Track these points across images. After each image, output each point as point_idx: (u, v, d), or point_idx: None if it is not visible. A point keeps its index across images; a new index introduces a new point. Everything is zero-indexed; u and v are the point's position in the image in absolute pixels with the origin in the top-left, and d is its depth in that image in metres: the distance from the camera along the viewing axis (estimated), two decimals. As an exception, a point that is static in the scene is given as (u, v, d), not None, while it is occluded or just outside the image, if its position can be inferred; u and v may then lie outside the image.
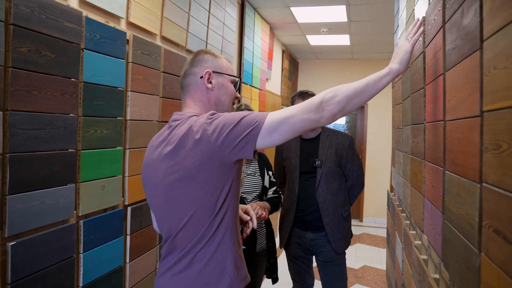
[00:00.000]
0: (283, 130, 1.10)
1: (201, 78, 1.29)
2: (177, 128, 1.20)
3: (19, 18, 1.33)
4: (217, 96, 1.31)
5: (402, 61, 1.23)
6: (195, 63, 1.32)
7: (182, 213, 1.17)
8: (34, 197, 1.42)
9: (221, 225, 1.18)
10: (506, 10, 0.69)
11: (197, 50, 1.37)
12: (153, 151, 1.24)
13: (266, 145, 1.12)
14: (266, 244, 2.26)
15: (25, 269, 1.39)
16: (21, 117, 1.36)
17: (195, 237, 1.16)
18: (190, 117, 1.21)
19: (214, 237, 1.17)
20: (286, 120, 1.10)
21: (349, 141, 2.46)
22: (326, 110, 1.11)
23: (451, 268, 1.09)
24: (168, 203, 1.19)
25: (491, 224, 0.78)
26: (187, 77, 1.32)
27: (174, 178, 1.15)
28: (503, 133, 0.71)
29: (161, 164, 1.18)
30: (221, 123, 1.11)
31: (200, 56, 1.33)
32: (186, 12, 2.69)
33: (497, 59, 0.74)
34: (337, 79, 7.02)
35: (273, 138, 1.11)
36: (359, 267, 4.58)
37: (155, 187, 1.22)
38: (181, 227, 1.17)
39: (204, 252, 1.17)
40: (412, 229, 1.90)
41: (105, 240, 1.84)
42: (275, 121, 1.10)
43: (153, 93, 2.24)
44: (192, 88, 1.31)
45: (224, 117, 1.13)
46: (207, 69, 1.30)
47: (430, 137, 1.41)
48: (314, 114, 1.10)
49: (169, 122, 1.27)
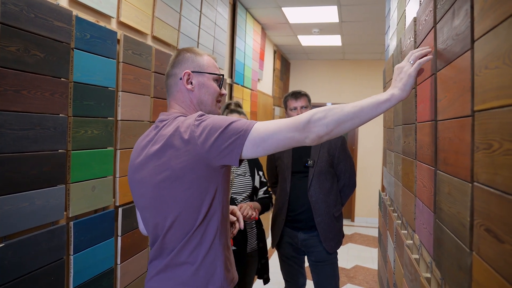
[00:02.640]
0: (268, 145, 1.08)
1: (180, 79, 1.28)
2: (164, 129, 1.19)
3: (7, 17, 1.31)
4: (198, 96, 1.29)
5: (405, 87, 1.11)
6: (176, 63, 1.30)
7: (168, 214, 1.15)
8: (23, 198, 1.40)
9: (210, 228, 1.16)
10: (497, 10, 0.70)
11: (179, 49, 1.35)
12: (140, 151, 1.22)
13: (250, 156, 1.10)
14: (257, 244, 2.25)
15: (14, 271, 1.37)
16: (9, 117, 1.34)
17: (182, 239, 1.15)
18: (177, 118, 1.20)
19: (203, 240, 1.16)
20: (272, 136, 1.07)
21: (341, 141, 2.47)
22: (312, 132, 1.06)
23: (442, 267, 1.10)
24: (154, 203, 1.17)
25: (482, 223, 0.78)
26: (169, 78, 1.31)
27: (160, 178, 1.14)
28: (494, 133, 0.72)
29: (148, 164, 1.17)
30: (208, 126, 1.10)
31: (180, 56, 1.30)
32: (178, 12, 2.67)
33: (488, 59, 0.75)
34: (328, 79, 7.04)
35: (257, 151, 1.09)
36: (351, 267, 4.59)
37: (142, 187, 1.20)
38: (167, 228, 1.16)
39: (194, 256, 1.16)
40: (403, 229, 1.91)
41: (96, 242, 1.82)
42: (261, 135, 1.08)
43: (144, 93, 2.23)
44: (174, 89, 1.30)
45: (212, 120, 1.12)
46: (186, 70, 1.28)
47: (421, 137, 1.42)
48: (299, 133, 1.06)
49: (155, 122, 1.26)
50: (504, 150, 0.67)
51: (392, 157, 2.36)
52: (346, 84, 6.97)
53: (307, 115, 1.07)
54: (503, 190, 0.67)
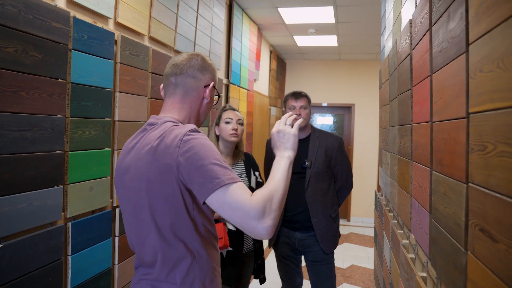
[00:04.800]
0: (223, 215, 1.00)
1: (205, 87, 1.23)
2: (150, 132, 1.14)
3: (5, 18, 1.31)
4: (205, 109, 1.26)
5: (294, 146, 1.19)
6: (203, 69, 1.23)
7: (144, 224, 1.11)
8: (21, 199, 1.40)
9: (193, 244, 1.10)
10: (492, 14, 0.71)
11: (202, 54, 1.28)
12: (127, 154, 1.18)
13: (209, 205, 1.02)
14: (253, 245, 2.26)
15: (12, 272, 1.37)
16: (7, 118, 1.34)
17: (158, 253, 1.10)
18: (165, 123, 1.15)
19: (187, 256, 1.10)
20: (230, 211, 0.99)
21: (338, 142, 2.48)
22: (267, 222, 0.98)
23: (438, 267, 1.11)
24: (135, 210, 1.13)
25: (477, 223, 0.80)
26: (187, 77, 1.21)
27: (139, 186, 1.10)
28: (489, 135, 0.73)
29: (132, 168, 1.13)
30: (193, 149, 1.03)
31: (206, 64, 1.25)
32: (174, 13, 2.68)
33: (483, 63, 0.76)
34: (324, 80, 7.06)
35: (215, 210, 1.02)
36: (347, 266, 4.61)
37: (127, 191, 1.16)
38: (143, 238, 1.12)
39: (171, 277, 1.10)
40: (399, 229, 1.93)
41: (94, 242, 1.82)
42: (223, 202, 0.99)
43: (141, 93, 2.23)
44: (191, 92, 1.22)
45: (199, 146, 1.03)
46: (212, 81, 1.25)
47: (417, 138, 1.43)
48: (255, 222, 0.97)
49: (144, 125, 1.21)
50: (498, 152, 0.69)
51: (388, 157, 2.37)
52: (342, 84, 6.99)
53: (260, 203, 0.98)
54: (498, 191, 0.69)
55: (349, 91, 6.94)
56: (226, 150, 2.20)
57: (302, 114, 2.42)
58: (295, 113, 2.41)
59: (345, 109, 7.09)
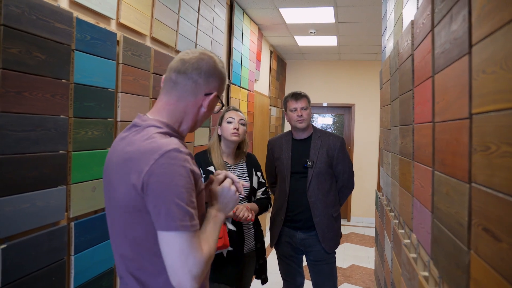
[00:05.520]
0: (163, 253, 0.97)
1: (206, 95, 1.11)
2: (133, 135, 1.06)
3: (9, 19, 1.32)
4: (202, 117, 1.15)
5: (229, 210, 1.20)
6: (210, 73, 1.11)
7: (119, 238, 1.10)
8: (24, 200, 1.41)
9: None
10: (495, 17, 0.72)
11: (215, 57, 1.15)
12: (114, 153, 1.11)
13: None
14: (255, 245, 2.25)
15: (16, 272, 1.38)
16: (11, 118, 1.34)
17: (136, 269, 1.09)
18: (148, 127, 1.06)
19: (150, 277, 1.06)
20: (171, 255, 0.96)
21: (340, 142, 2.49)
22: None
23: (440, 266, 1.12)
24: (113, 223, 1.10)
25: (480, 223, 0.81)
26: (188, 80, 1.09)
27: (110, 194, 1.07)
28: (492, 135, 0.74)
29: (114, 172, 1.08)
30: (162, 176, 0.95)
31: (218, 70, 1.13)
32: (176, 13, 2.68)
33: (486, 64, 0.77)
34: (324, 80, 7.07)
35: (160, 244, 0.98)
36: (348, 266, 4.62)
37: (107, 191, 1.12)
38: (122, 249, 1.11)
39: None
40: (401, 228, 1.93)
41: (96, 242, 1.83)
42: (168, 245, 0.96)
43: (143, 94, 2.23)
44: (187, 96, 1.10)
45: (170, 176, 0.95)
46: (215, 91, 1.12)
47: (419, 138, 1.44)
48: (186, 279, 0.95)
49: (132, 122, 1.12)
50: (501, 152, 0.69)
51: (389, 157, 2.38)
52: (342, 84, 7.00)
53: (201, 269, 0.97)
54: (501, 190, 0.70)
55: (349, 91, 6.95)
56: (227, 150, 2.20)
57: (303, 115, 2.43)
58: (296, 114, 2.43)
59: (345, 109, 7.10)
